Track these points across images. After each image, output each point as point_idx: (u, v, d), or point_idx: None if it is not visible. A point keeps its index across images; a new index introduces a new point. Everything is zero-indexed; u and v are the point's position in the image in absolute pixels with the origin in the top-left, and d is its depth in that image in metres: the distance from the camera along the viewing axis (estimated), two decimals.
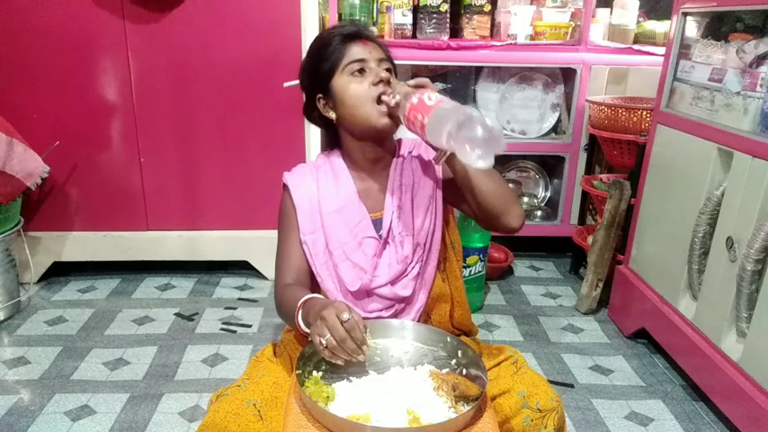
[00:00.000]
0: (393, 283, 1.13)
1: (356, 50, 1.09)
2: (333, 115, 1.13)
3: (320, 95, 1.14)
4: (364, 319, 0.97)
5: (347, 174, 1.17)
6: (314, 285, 1.17)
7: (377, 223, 1.15)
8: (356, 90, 1.08)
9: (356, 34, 1.10)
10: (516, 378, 1.03)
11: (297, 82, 1.21)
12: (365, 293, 1.14)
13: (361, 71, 1.08)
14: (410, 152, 1.20)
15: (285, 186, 1.20)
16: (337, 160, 1.19)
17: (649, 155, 2.04)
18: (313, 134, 2.34)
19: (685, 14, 1.88)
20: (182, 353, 1.96)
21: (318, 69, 1.11)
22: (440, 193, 1.17)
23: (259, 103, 2.29)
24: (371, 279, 1.12)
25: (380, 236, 1.14)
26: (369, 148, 1.14)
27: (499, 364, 1.10)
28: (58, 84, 2.19)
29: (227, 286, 2.46)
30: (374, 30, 1.18)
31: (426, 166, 1.18)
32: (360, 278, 1.12)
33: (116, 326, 2.12)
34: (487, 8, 2.56)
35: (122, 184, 2.34)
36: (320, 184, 1.17)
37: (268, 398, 0.99)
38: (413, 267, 1.14)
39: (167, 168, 2.34)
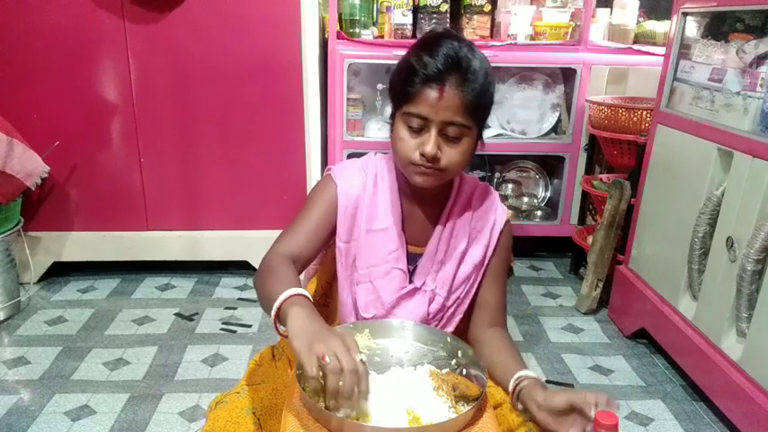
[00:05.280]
0: None
1: (427, 101, 0.94)
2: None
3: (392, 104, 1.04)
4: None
5: (396, 195, 1.09)
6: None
7: (412, 256, 1.10)
8: (402, 142, 0.99)
9: (441, 79, 0.94)
10: None
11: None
12: None
13: (419, 130, 0.97)
14: (472, 194, 1.12)
15: (332, 181, 1.09)
16: (389, 175, 1.10)
17: (649, 155, 2.04)
18: (313, 134, 2.34)
19: (685, 14, 1.88)
20: (182, 353, 1.96)
21: (393, 88, 1.01)
22: (485, 265, 1.12)
23: (259, 103, 2.29)
24: (386, 316, 1.10)
25: (410, 269, 1.10)
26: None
27: None
28: (58, 84, 2.19)
29: (227, 286, 2.46)
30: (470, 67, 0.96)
31: (484, 226, 1.11)
32: (375, 308, 1.10)
33: (116, 326, 2.12)
34: (487, 8, 2.56)
35: (122, 184, 2.34)
36: (367, 195, 1.09)
37: (267, 405, 0.99)
38: (430, 324, 1.12)
39: (167, 168, 2.34)
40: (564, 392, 0.87)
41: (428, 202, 1.09)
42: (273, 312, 0.86)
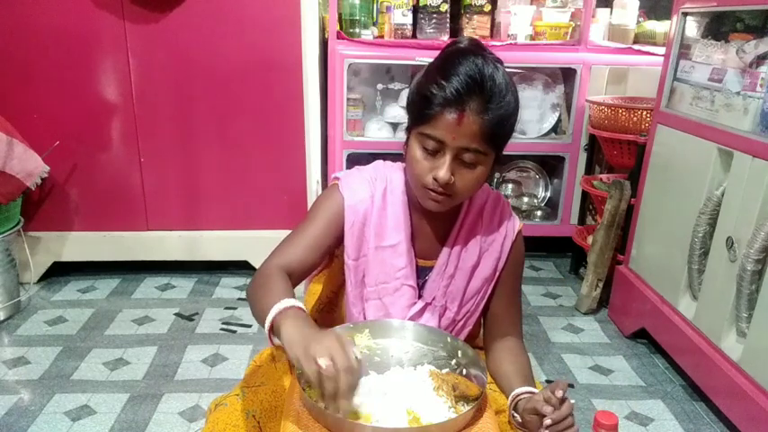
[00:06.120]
0: None
1: (444, 125, 0.90)
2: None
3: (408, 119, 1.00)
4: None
5: (406, 209, 1.05)
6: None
7: (422, 270, 1.08)
8: (416, 164, 0.95)
9: (461, 103, 0.88)
10: None
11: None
12: None
13: (434, 152, 0.93)
14: (484, 205, 1.08)
15: (339, 193, 1.04)
16: (399, 187, 1.05)
17: (649, 155, 2.04)
18: (313, 134, 2.34)
19: (685, 14, 1.88)
20: (182, 353, 1.96)
21: (411, 105, 0.97)
22: (495, 279, 1.10)
23: (259, 104, 2.29)
24: None
25: (419, 284, 1.08)
26: None
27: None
28: (58, 84, 2.19)
29: (227, 286, 2.46)
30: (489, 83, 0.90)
31: (496, 239, 1.08)
32: None
33: (116, 326, 2.12)
34: (487, 8, 2.56)
35: (122, 184, 2.34)
36: (375, 209, 1.04)
37: (267, 408, 0.98)
38: None
39: (167, 168, 2.34)
40: (528, 403, 0.90)
41: (439, 215, 1.05)
42: (267, 327, 0.84)
